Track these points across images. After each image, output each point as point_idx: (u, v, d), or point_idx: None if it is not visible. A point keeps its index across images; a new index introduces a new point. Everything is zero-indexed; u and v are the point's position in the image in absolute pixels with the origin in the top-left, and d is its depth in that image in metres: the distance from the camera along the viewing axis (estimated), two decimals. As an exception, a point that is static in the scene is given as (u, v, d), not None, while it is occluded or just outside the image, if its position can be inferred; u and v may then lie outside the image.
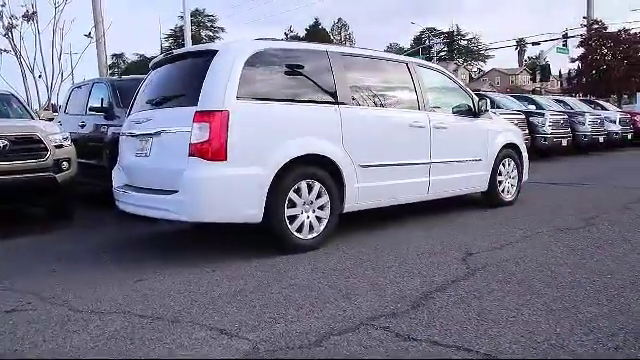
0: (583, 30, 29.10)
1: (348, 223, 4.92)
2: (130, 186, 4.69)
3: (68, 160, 6.08)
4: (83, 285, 3.64)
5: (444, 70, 6.28)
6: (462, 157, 5.77)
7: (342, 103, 4.62)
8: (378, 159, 4.84)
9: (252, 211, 4.04)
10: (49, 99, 12.82)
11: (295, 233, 4.27)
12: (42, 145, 5.80)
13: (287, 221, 4.21)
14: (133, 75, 10.05)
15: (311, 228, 4.38)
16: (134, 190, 4.51)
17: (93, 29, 13.82)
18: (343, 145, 4.52)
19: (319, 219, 4.44)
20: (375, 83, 5.17)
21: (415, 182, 5.25)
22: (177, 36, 36.56)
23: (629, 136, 16.61)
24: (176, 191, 3.93)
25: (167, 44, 38.50)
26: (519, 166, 6.66)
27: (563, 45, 31.78)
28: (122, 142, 4.95)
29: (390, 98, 5.24)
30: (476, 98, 6.10)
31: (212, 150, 3.85)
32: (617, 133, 16.18)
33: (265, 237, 4.35)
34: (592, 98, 22.29)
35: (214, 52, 4.12)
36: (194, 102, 3.96)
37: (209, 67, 4.02)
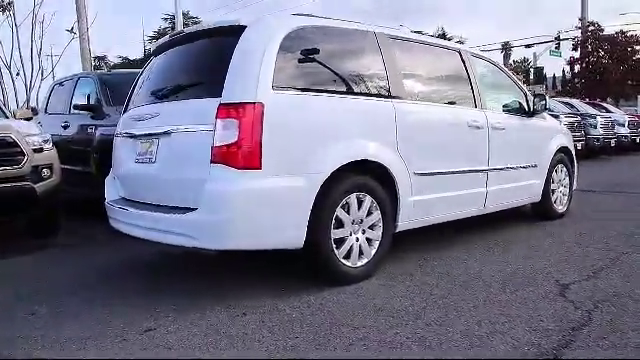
0: (576, 32, 28.63)
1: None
2: (128, 200, 3.73)
3: (49, 167, 5.08)
4: (70, 340, 2.68)
5: (496, 61, 5.42)
6: (519, 163, 4.91)
7: (396, 97, 3.72)
8: (435, 166, 3.95)
9: (293, 234, 3.11)
10: (28, 99, 11.73)
11: (342, 260, 3.35)
12: (17, 149, 4.80)
13: (334, 245, 3.29)
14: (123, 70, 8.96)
15: (361, 253, 3.47)
16: (134, 206, 3.55)
17: (76, 24, 12.78)
18: (398, 149, 3.62)
19: (369, 241, 3.53)
20: (427, 74, 4.28)
21: (472, 193, 4.37)
22: (161, 38, 35.62)
23: (638, 139, 16.03)
24: (194, 209, 2.99)
25: (150, 46, 37.52)
26: (571, 173, 5.83)
27: (556, 48, 31.36)
28: (117, 145, 3.99)
29: (444, 92, 4.35)
30: (530, 95, 5.25)
31: (243, 155, 2.92)
32: (626, 136, 15.60)
33: (293, 263, 3.44)
34: (595, 101, 21.71)
35: (241, 28, 3.18)
36: (216, 92, 3.03)
37: (236, 47, 3.09)
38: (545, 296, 3.15)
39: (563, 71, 33.86)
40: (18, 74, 11.85)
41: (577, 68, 28.19)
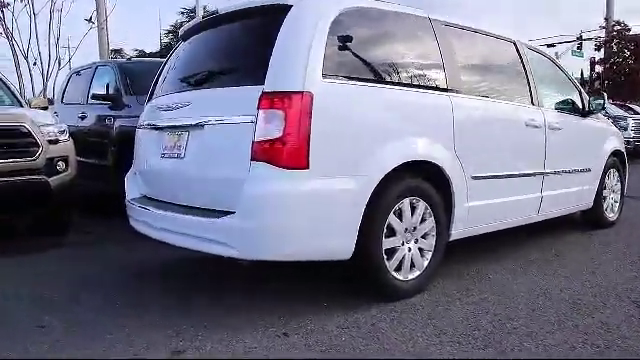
0: (598, 32, 27.88)
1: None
2: (151, 199, 3.36)
3: (65, 159, 4.74)
4: (89, 360, 2.33)
5: (550, 55, 4.99)
6: (573, 167, 4.49)
7: (453, 91, 3.32)
8: (492, 168, 3.56)
9: (341, 243, 2.73)
10: (44, 89, 11.46)
11: (393, 273, 2.97)
12: (31, 139, 4.47)
13: (385, 256, 2.91)
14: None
15: (412, 265, 3.08)
16: (158, 206, 3.18)
17: (94, 13, 12.48)
18: (455, 149, 3.23)
19: (421, 252, 3.14)
20: (483, 66, 3.87)
21: (527, 199, 3.97)
22: (177, 32, 35.28)
23: (669, 143, 15.42)
24: (231, 212, 2.61)
25: (167, 40, 37.14)
26: (622, 178, 5.40)
27: (578, 48, 30.59)
28: (140, 137, 3.63)
29: (500, 87, 3.93)
30: (584, 94, 4.82)
31: (288, 152, 2.53)
32: (656, 139, 14.99)
33: (331, 273, 3.06)
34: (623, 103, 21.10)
35: (286, 8, 2.79)
36: (258, 79, 2.65)
37: (281, 29, 2.70)
38: (626, 320, 2.75)
39: (581, 72, 32.96)
40: (35, 63, 11.59)
41: (598, 69, 27.47)
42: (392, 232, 2.94)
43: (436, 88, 3.24)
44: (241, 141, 2.62)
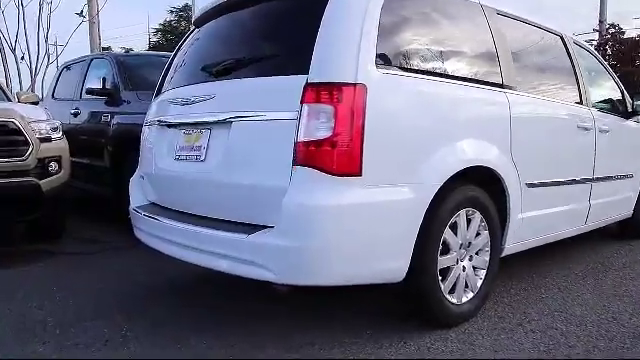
0: (590, 35, 27.76)
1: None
2: (162, 208, 2.92)
3: (58, 160, 4.30)
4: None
5: (595, 51, 4.62)
6: (618, 172, 4.12)
7: (508, 87, 2.92)
8: (545, 175, 3.17)
9: (395, 263, 2.31)
10: (32, 84, 10.90)
11: (447, 295, 2.56)
12: (21, 137, 4.03)
13: (440, 276, 2.50)
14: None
15: (465, 286, 2.68)
16: (170, 216, 2.74)
17: (86, 7, 11.92)
18: (511, 152, 2.83)
19: (475, 270, 2.73)
20: (534, 61, 3.48)
21: (577, 209, 3.59)
22: (166, 31, 34.58)
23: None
24: (266, 227, 2.18)
25: (155, 39, 36.43)
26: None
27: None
28: (147, 136, 3.19)
29: (551, 84, 3.54)
30: (626, 94, 4.46)
31: (340, 156, 2.11)
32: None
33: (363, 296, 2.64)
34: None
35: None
36: (299, 68, 2.22)
37: (326, 9, 2.28)
38: None
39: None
40: (23, 58, 11.05)
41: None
42: (447, 249, 2.53)
43: (492, 84, 2.84)
44: (279, 141, 2.19)
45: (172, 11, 35.80)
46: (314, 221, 2.10)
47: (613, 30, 26.48)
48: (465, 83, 2.66)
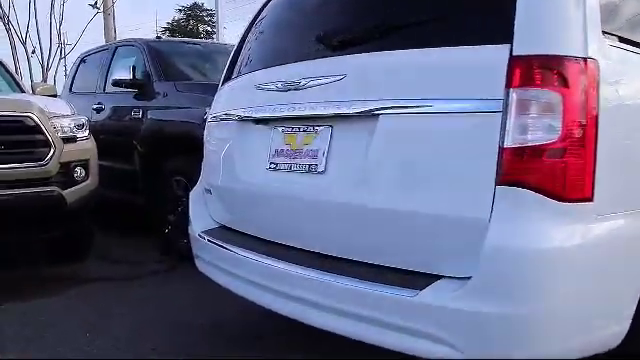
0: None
1: None
2: (242, 235, 2.13)
3: (84, 164, 3.53)
4: None
5: None
6: None
7: None
8: None
9: (618, 327, 1.51)
10: (44, 80, 10.14)
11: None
12: (40, 137, 3.25)
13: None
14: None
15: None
16: (255, 248, 1.95)
17: (100, -1, 11.18)
18: None
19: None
20: None
21: None
22: (174, 29, 33.94)
23: None
24: (446, 278, 1.39)
25: (164, 37, 35.93)
26: None
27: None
28: (214, 136, 2.40)
29: None
30: None
31: (572, 170, 1.33)
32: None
33: None
34: None
35: None
36: (493, 34, 1.42)
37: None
38: None
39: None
40: (34, 52, 10.30)
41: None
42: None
43: None
44: (466, 147, 1.40)
45: (180, 10, 35.17)
46: (541, 275, 1.30)
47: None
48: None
